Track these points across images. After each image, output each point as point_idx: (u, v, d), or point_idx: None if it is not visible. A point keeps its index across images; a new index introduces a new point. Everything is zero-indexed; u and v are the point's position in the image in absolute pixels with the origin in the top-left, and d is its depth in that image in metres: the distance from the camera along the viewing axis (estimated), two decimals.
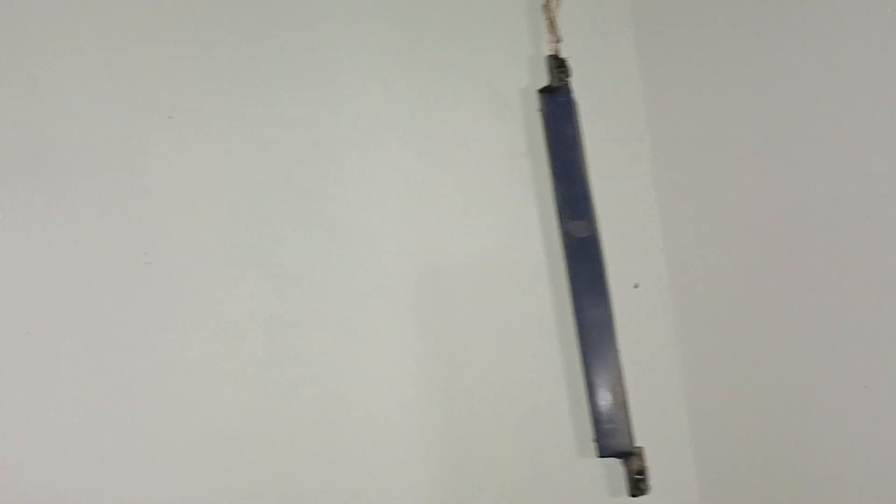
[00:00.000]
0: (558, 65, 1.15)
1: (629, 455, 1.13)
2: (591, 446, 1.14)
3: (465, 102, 1.21)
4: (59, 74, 1.01)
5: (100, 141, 1.01)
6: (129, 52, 1.05)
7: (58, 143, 0.99)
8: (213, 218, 1.06)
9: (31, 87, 1.00)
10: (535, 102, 1.19)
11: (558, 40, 1.16)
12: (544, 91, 1.17)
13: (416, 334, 1.14)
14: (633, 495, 1.12)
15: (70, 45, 1.02)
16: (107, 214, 1.00)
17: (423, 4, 1.21)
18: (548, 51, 1.16)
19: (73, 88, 1.01)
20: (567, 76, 1.15)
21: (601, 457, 1.14)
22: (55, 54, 1.01)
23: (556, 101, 1.16)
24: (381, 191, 1.16)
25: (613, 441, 1.13)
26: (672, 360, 1.25)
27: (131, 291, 1.00)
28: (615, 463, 1.15)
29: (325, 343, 1.10)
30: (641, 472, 1.12)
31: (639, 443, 1.14)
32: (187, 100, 1.07)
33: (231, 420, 1.03)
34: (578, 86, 1.18)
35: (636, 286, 1.23)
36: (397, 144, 1.17)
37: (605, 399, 1.14)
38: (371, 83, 1.17)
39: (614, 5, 1.28)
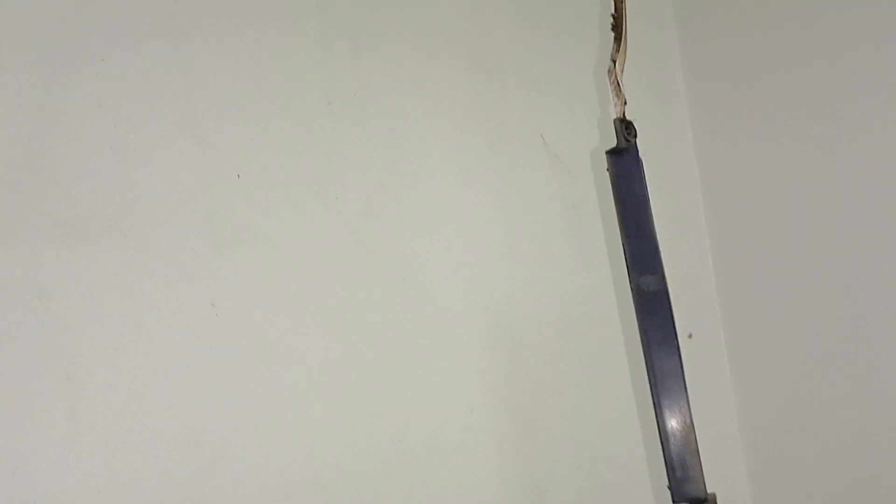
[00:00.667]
0: (625, 126, 1.20)
1: (702, 501, 1.17)
2: (667, 493, 1.18)
3: (528, 159, 1.26)
4: (148, 138, 1.04)
5: (178, 199, 1.04)
6: (207, 116, 1.08)
7: (142, 201, 1.02)
8: (281, 271, 1.08)
9: (124, 149, 1.02)
10: (596, 162, 1.24)
11: (624, 103, 1.21)
12: (612, 152, 1.21)
13: (487, 384, 1.18)
14: None
15: (159, 110, 1.05)
16: (181, 268, 1.03)
17: (491, 67, 1.26)
18: (614, 113, 1.22)
19: (159, 151, 1.04)
20: (634, 137, 1.20)
21: (675, 503, 1.17)
22: (146, 118, 1.04)
23: (624, 161, 1.21)
24: (448, 244, 1.20)
25: (687, 487, 1.17)
26: (728, 409, 1.31)
27: (199, 341, 1.02)
28: None
29: (393, 393, 1.13)
30: None
31: None
32: (255, 159, 1.10)
33: (298, 466, 1.05)
34: None
35: (690, 336, 1.28)
36: (463, 199, 1.21)
37: (677, 447, 1.18)
38: (437, 141, 1.21)
39: (666, 64, 1.35)
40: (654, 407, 1.18)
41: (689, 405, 1.19)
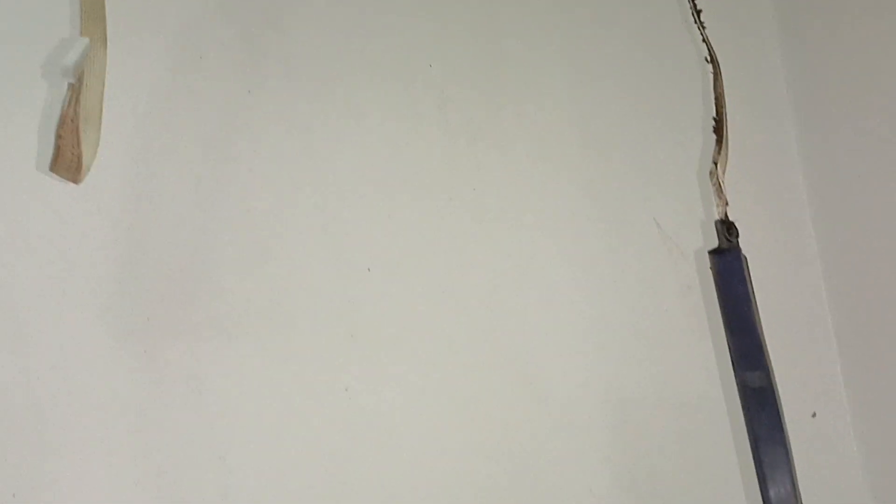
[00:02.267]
0: (727, 228, 1.24)
1: None
2: None
3: (640, 249, 1.31)
4: (288, 241, 1.12)
5: (315, 293, 1.13)
6: (339, 213, 1.17)
7: (285, 297, 1.12)
8: (409, 359, 1.17)
9: (267, 253, 1.13)
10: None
11: (726, 204, 1.25)
12: (715, 252, 1.26)
13: (609, 469, 1.24)
14: None
15: (296, 212, 1.14)
16: (317, 356, 1.10)
17: (601, 155, 1.32)
18: (717, 215, 1.26)
19: (299, 251, 1.14)
20: (735, 237, 1.24)
21: None
22: (287, 224, 1.12)
23: (726, 261, 1.25)
24: (568, 332, 1.27)
25: None
26: (858, 487, 1.32)
27: (334, 423, 1.09)
28: None
29: (519, 481, 1.21)
30: None
31: None
32: (383, 253, 1.19)
33: None
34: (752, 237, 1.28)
35: (814, 415, 1.30)
36: (581, 287, 1.27)
37: None
38: (552, 232, 1.28)
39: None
40: (763, 501, 1.23)
41: (799, 499, 1.22)
